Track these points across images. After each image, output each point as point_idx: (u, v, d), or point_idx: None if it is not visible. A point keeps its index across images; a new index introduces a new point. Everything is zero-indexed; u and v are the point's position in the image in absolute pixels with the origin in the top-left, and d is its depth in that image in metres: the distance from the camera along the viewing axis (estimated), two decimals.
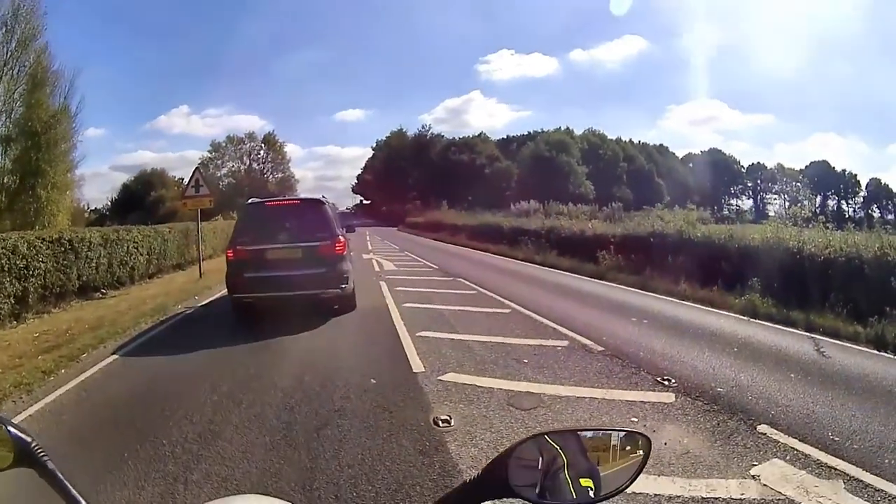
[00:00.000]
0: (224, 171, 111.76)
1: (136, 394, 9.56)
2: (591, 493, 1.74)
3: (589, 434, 1.82)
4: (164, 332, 14.64)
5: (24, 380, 10.15)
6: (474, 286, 21.66)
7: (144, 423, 7.83)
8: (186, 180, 29.62)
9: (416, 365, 10.49)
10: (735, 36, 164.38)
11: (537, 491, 1.71)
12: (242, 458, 6.57)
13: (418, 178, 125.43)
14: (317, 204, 16.11)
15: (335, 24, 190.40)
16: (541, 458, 1.73)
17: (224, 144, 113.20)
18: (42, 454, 1.83)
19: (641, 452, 1.82)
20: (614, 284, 23.00)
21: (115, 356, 12.06)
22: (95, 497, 5.74)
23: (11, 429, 1.85)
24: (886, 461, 6.54)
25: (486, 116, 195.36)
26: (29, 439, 1.84)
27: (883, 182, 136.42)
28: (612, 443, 1.84)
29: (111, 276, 22.51)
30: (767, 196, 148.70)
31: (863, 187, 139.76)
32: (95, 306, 18.78)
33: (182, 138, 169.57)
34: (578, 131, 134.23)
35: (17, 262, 16.29)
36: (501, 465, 1.71)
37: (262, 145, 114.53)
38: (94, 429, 8.01)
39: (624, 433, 1.85)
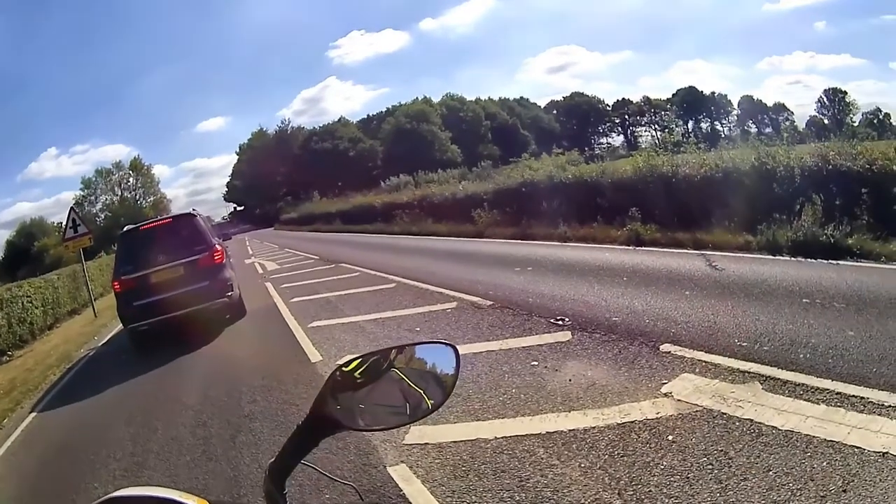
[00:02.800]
0: (98, 205, 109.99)
1: (60, 446, 9.46)
2: (408, 412, 1.82)
3: (391, 354, 1.91)
4: (72, 379, 14.51)
5: None
6: (356, 268, 21.95)
7: (73, 472, 7.84)
8: (64, 223, 29.03)
9: (314, 355, 10.71)
10: None
11: (360, 420, 1.84)
12: (169, 482, 6.37)
13: (286, 175, 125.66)
14: (188, 218, 16.17)
15: (181, 37, 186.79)
16: (338, 393, 1.82)
17: (94, 179, 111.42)
18: None
19: (454, 364, 1.87)
20: (494, 240, 23.57)
21: (33, 414, 11.94)
22: None
23: None
24: (801, 356, 6.78)
25: (344, 100, 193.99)
26: None
27: (756, 98, 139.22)
28: (422, 359, 1.91)
29: (13, 337, 21.97)
30: (637, 129, 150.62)
31: (735, 106, 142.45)
32: (5, 370, 18.37)
33: (55, 181, 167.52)
34: (437, 99, 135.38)
35: None
36: (320, 406, 1.79)
37: (131, 172, 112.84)
38: (30, 489, 8.00)
39: (431, 345, 1.94)
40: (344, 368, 1.84)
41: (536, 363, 7.94)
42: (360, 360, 1.86)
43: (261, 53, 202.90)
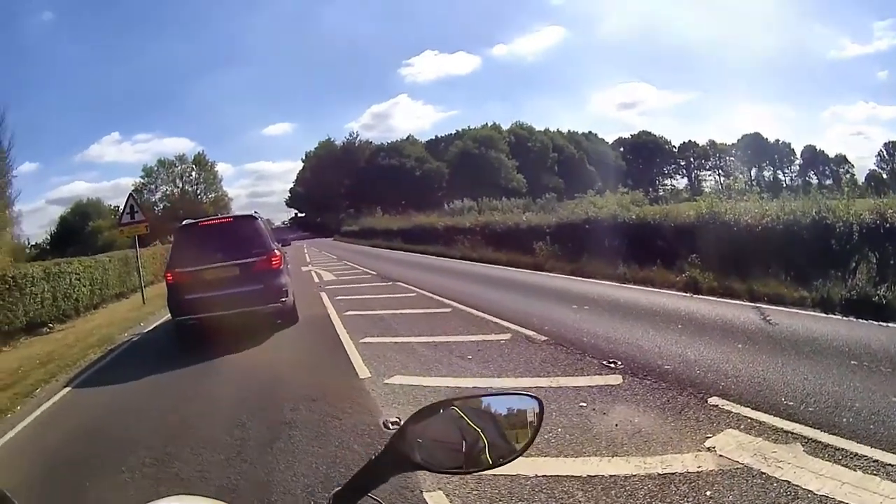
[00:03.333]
0: (158, 195, 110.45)
1: (91, 425, 9.51)
2: (489, 460, 1.80)
3: (476, 402, 1.89)
4: (113, 362, 14.61)
5: None
6: (413, 288, 21.75)
7: (102, 453, 7.81)
8: (121, 208, 29.26)
9: (362, 371, 10.54)
10: (653, 15, 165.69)
11: (435, 461, 1.79)
12: (199, 479, 6.57)
13: (350, 187, 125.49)
14: (249, 220, 16.14)
15: (256, 40, 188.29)
16: (436, 430, 1.82)
17: (156, 169, 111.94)
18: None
19: (536, 415, 1.88)
20: (553, 274, 23.16)
21: (67, 389, 12.05)
22: None
23: None
24: (843, 420, 6.62)
25: (413, 119, 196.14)
26: None
27: (818, 148, 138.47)
28: (507, 408, 1.90)
29: (56, 311, 22.33)
30: (702, 173, 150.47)
31: (797, 155, 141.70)
32: (44, 342, 18.67)
33: (114, 166, 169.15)
34: (505, 125, 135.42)
35: None
36: (396, 445, 1.78)
37: (194, 167, 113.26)
38: (53, 463, 7.94)
39: (517, 398, 1.92)
40: (426, 409, 1.85)
41: (585, 404, 7.84)
42: (444, 402, 1.87)
43: (334, 64, 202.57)
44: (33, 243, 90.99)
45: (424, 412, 1.85)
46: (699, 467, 5.84)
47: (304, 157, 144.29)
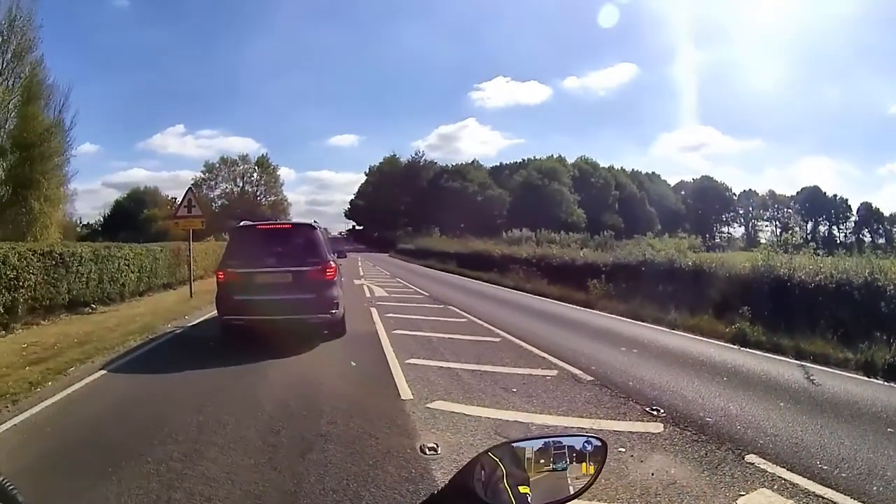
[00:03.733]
0: (217, 192, 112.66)
1: (122, 410, 9.56)
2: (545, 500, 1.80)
3: (538, 443, 1.89)
4: (152, 351, 14.65)
5: (9, 390, 10.17)
6: (464, 314, 21.63)
7: (129, 439, 7.78)
8: (179, 200, 29.69)
9: (405, 392, 10.42)
10: (724, 60, 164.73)
11: (496, 500, 1.78)
12: (226, 480, 6.49)
13: (410, 205, 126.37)
14: (308, 229, 16.11)
15: (330, 50, 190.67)
16: (487, 471, 1.81)
17: (217, 166, 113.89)
18: (11, 488, 1.80)
19: (598, 458, 1.90)
20: (604, 313, 22.97)
21: (102, 372, 12.07)
22: None
23: None
24: (874, 488, 6.53)
25: (479, 144, 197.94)
26: None
27: (874, 206, 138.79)
28: (569, 448, 1.91)
29: (101, 292, 22.57)
30: (759, 223, 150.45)
31: (853, 212, 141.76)
32: (84, 321, 18.83)
33: (176, 158, 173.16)
34: (570, 159, 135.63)
35: (7, 273, 16.41)
36: (460, 482, 1.80)
37: (256, 168, 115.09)
38: (77, 443, 7.98)
39: (582, 439, 1.93)
40: (494, 449, 1.86)
41: (623, 450, 7.70)
42: (507, 442, 1.91)
43: (406, 81, 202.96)
44: (85, 223, 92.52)
45: (490, 451, 1.86)
46: None
47: (367, 171, 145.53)
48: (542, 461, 1.85)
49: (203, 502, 5.96)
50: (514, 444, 1.89)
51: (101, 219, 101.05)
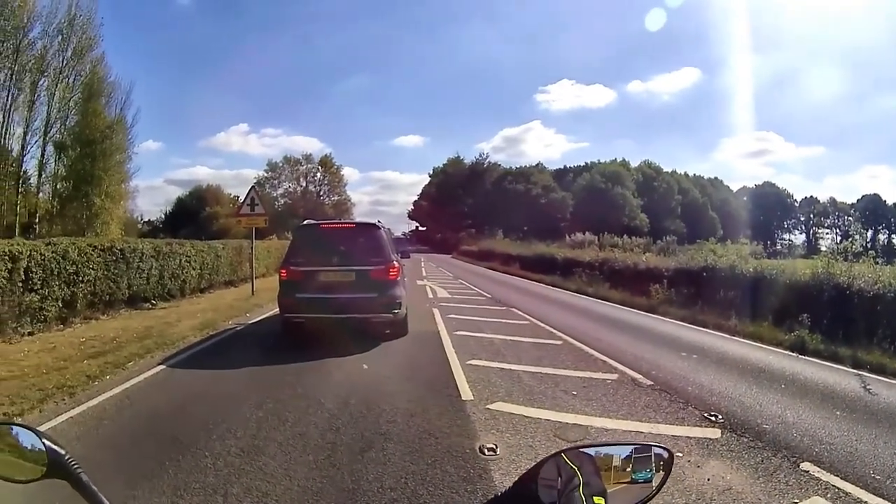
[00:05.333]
0: (280, 191, 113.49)
1: (181, 405, 9.65)
2: None
3: (607, 450, 1.89)
4: (212, 347, 14.85)
5: (67, 382, 10.34)
6: (526, 316, 21.58)
7: (187, 434, 7.87)
8: (242, 198, 30.07)
9: (465, 392, 10.41)
10: (786, 66, 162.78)
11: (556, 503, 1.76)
12: (284, 476, 6.56)
13: (474, 206, 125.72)
14: (372, 228, 16.15)
15: (395, 50, 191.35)
16: (559, 478, 1.79)
17: (280, 165, 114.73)
18: (75, 466, 1.85)
19: (663, 467, 1.89)
20: (665, 318, 22.88)
21: (161, 366, 12.20)
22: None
23: (45, 441, 1.88)
24: None
25: (543, 146, 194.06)
26: (63, 452, 1.87)
27: None
28: (636, 457, 1.90)
29: (162, 288, 22.85)
30: (819, 230, 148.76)
31: None
32: (144, 316, 19.07)
33: (239, 156, 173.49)
34: (634, 163, 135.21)
35: (67, 268, 16.65)
36: (525, 485, 1.79)
37: (319, 167, 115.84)
38: (134, 435, 8.10)
39: (647, 448, 1.91)
40: (566, 452, 1.87)
41: (681, 455, 7.68)
42: (572, 448, 1.89)
43: (471, 83, 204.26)
44: (146, 219, 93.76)
45: (560, 454, 1.86)
46: None
47: (431, 172, 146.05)
48: (612, 468, 1.86)
49: (260, 497, 6.04)
50: (584, 450, 1.89)
51: (163, 215, 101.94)
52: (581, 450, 1.88)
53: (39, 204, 45.99)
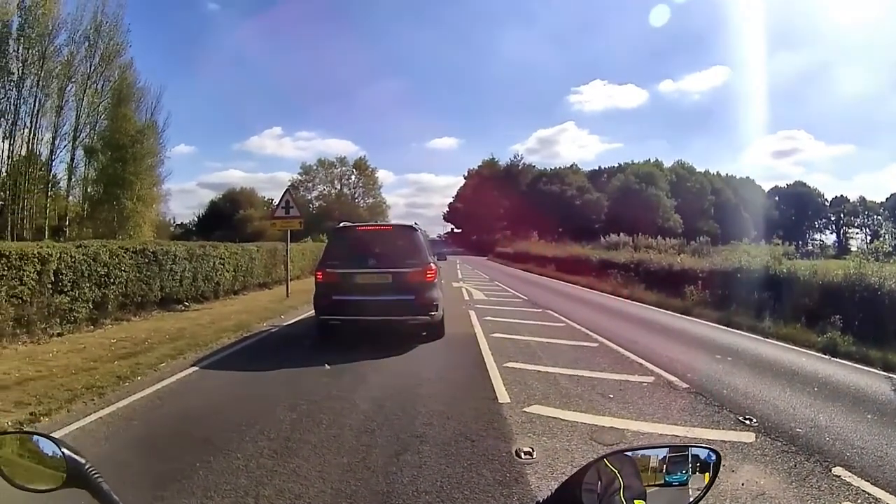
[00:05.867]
0: (314, 193, 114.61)
1: (213, 406, 9.68)
2: None
3: (649, 452, 1.89)
4: (246, 349, 14.92)
5: (96, 383, 10.44)
6: (562, 318, 21.57)
7: (219, 435, 7.89)
8: (276, 201, 30.28)
9: (502, 395, 10.38)
10: (816, 63, 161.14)
11: None
12: (318, 478, 6.55)
13: (509, 208, 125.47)
14: (409, 230, 16.13)
15: (429, 53, 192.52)
16: (600, 482, 1.79)
17: (315, 168, 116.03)
18: (96, 475, 1.87)
19: (712, 470, 1.90)
20: (699, 320, 22.83)
21: (194, 368, 12.28)
22: None
23: (65, 450, 1.90)
24: None
25: (577, 147, 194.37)
26: (83, 461, 1.88)
27: None
28: (683, 459, 1.91)
29: (195, 290, 23.01)
30: (850, 230, 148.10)
31: None
32: (176, 318, 19.20)
33: (273, 160, 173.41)
34: (666, 163, 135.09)
35: (98, 270, 16.81)
36: (568, 490, 1.79)
37: (354, 170, 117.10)
38: (165, 436, 8.13)
39: (695, 450, 1.92)
40: (609, 457, 1.86)
41: None
42: (616, 451, 1.90)
43: (504, 84, 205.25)
44: (179, 222, 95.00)
45: (604, 458, 1.85)
46: None
47: (466, 174, 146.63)
48: (660, 471, 1.86)
49: (293, 499, 6.03)
50: (629, 453, 1.88)
51: (196, 218, 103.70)
52: (627, 452, 1.88)
53: (69, 207, 46.78)
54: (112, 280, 17.45)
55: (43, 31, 41.94)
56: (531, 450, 7.56)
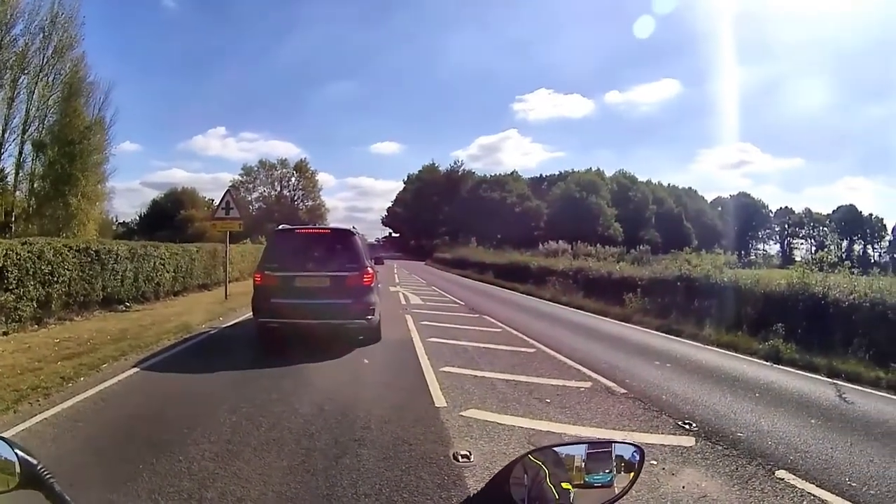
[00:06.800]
0: (255, 195, 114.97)
1: (155, 408, 9.62)
2: None
3: (574, 448, 1.92)
4: (186, 350, 14.82)
5: (42, 383, 10.31)
6: (500, 324, 21.68)
7: (161, 437, 7.86)
8: (217, 202, 29.93)
9: (439, 399, 10.44)
10: (767, 78, 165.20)
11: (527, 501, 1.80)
12: (259, 481, 6.56)
13: (448, 214, 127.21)
14: (347, 234, 16.12)
15: (375, 57, 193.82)
16: (526, 475, 1.83)
17: (256, 169, 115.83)
18: (48, 476, 1.84)
19: (635, 465, 1.93)
20: (640, 327, 23.00)
21: (135, 369, 12.18)
22: None
23: (18, 451, 1.87)
24: None
25: (521, 155, 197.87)
26: (35, 462, 1.85)
27: None
28: (608, 454, 1.94)
29: (136, 291, 22.80)
30: (794, 241, 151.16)
31: (889, 231, 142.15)
32: (119, 318, 19.03)
33: (217, 160, 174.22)
34: (609, 173, 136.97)
35: (43, 268, 16.62)
36: (497, 486, 1.82)
37: (294, 172, 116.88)
38: (109, 439, 8.05)
39: (619, 447, 1.95)
40: (535, 453, 1.90)
41: (655, 462, 7.71)
42: (543, 447, 1.94)
43: (449, 91, 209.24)
44: (122, 221, 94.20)
45: (531, 454, 1.89)
46: None
47: (406, 179, 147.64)
48: (583, 466, 1.87)
49: (235, 502, 6.03)
50: (555, 449, 1.91)
51: (138, 217, 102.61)
52: (553, 448, 1.91)
53: (16, 203, 45.82)
54: (56, 279, 17.30)
55: (1, 19, 41.34)
56: (468, 453, 7.65)
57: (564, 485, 1.82)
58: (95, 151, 46.87)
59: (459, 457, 7.51)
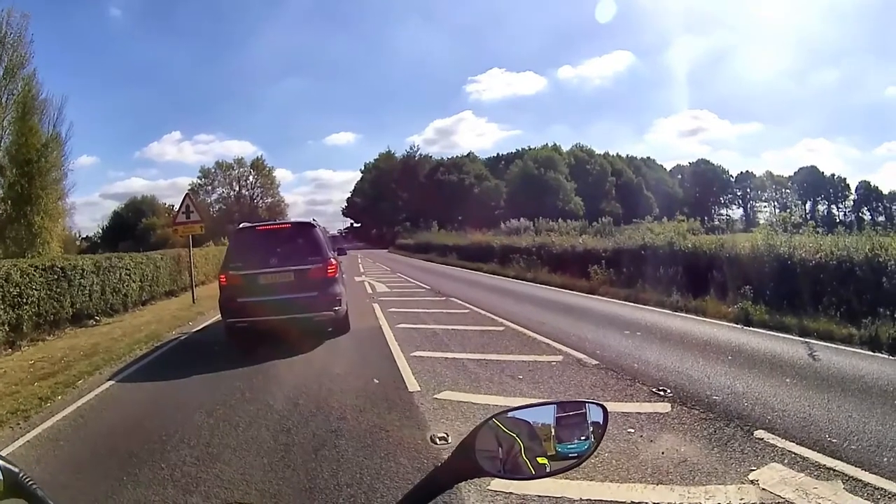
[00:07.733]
0: (214, 196, 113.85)
1: (133, 419, 9.56)
2: (548, 468, 1.85)
3: (540, 411, 1.94)
4: (159, 358, 14.67)
5: (20, 406, 10.22)
6: (467, 305, 21.82)
7: (142, 447, 7.81)
8: (177, 207, 29.65)
9: (412, 384, 10.50)
10: (721, 45, 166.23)
11: (500, 468, 1.83)
12: (241, 480, 6.58)
13: (408, 200, 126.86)
14: (307, 227, 16.14)
15: (325, 49, 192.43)
16: (500, 447, 1.84)
17: (214, 171, 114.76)
18: (32, 484, 1.84)
19: (600, 422, 1.94)
20: (606, 298, 23.11)
21: (111, 382, 12.11)
22: None
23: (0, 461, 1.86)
24: (885, 459, 6.58)
25: (476, 136, 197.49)
26: (17, 469, 1.85)
27: (872, 184, 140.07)
28: (571, 415, 1.96)
29: (104, 304, 22.50)
30: (757, 204, 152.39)
31: (852, 190, 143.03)
32: (89, 334, 18.79)
33: (174, 165, 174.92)
34: (566, 147, 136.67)
35: (11, 290, 16.41)
36: (463, 455, 1.81)
37: (251, 171, 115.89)
38: (92, 454, 8.02)
39: (581, 405, 1.98)
40: (498, 417, 1.89)
41: (633, 430, 7.81)
42: (505, 411, 1.92)
43: (400, 76, 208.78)
44: (85, 236, 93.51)
45: (492, 419, 1.88)
46: (742, 499, 5.81)
47: (363, 168, 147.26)
48: (547, 427, 1.89)
49: None
50: (516, 414, 1.92)
51: (101, 230, 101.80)
52: (513, 414, 1.92)
53: None
54: (25, 300, 17.11)
55: None
56: (445, 435, 7.78)
57: (541, 460, 1.84)
58: (54, 168, 46.41)
59: (437, 439, 7.64)
